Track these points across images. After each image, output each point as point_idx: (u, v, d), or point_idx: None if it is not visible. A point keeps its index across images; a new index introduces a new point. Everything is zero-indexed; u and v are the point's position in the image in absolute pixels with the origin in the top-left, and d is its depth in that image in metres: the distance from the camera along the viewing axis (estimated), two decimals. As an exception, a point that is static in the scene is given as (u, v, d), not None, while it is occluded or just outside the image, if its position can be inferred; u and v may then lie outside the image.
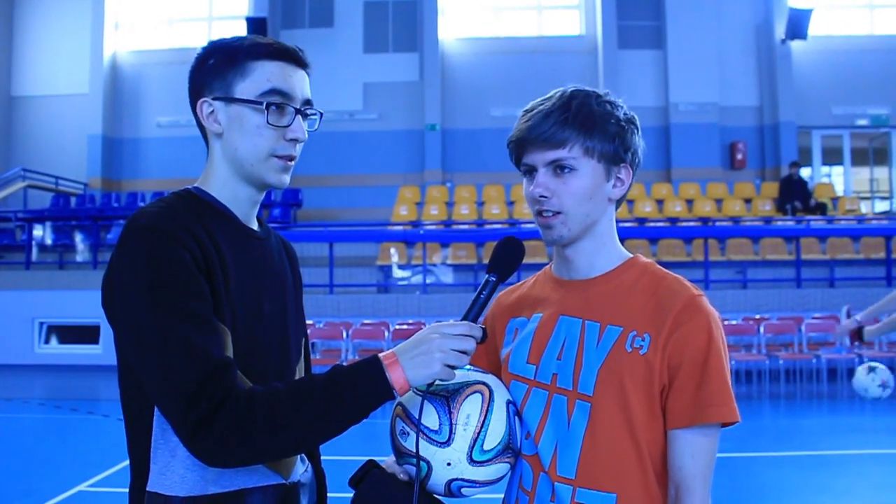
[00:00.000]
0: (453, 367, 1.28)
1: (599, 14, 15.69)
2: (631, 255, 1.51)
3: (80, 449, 6.84)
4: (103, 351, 11.38)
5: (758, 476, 5.87)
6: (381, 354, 1.29)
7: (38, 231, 14.07)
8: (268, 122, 1.39)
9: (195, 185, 1.48)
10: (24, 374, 11.18)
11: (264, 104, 1.39)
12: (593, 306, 1.44)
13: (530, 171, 1.45)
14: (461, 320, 1.33)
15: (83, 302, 11.54)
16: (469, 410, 1.35)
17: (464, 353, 1.28)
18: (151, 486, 1.34)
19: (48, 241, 14.21)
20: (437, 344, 1.26)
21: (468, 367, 1.42)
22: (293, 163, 1.45)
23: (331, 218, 14.80)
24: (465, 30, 16.25)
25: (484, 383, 1.40)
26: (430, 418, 1.35)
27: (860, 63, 15.55)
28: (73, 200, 15.76)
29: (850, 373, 9.54)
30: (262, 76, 1.40)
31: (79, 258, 14.10)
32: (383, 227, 13.37)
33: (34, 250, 13.70)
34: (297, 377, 1.53)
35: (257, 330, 1.40)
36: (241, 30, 15.33)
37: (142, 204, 14.80)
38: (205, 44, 1.48)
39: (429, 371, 1.26)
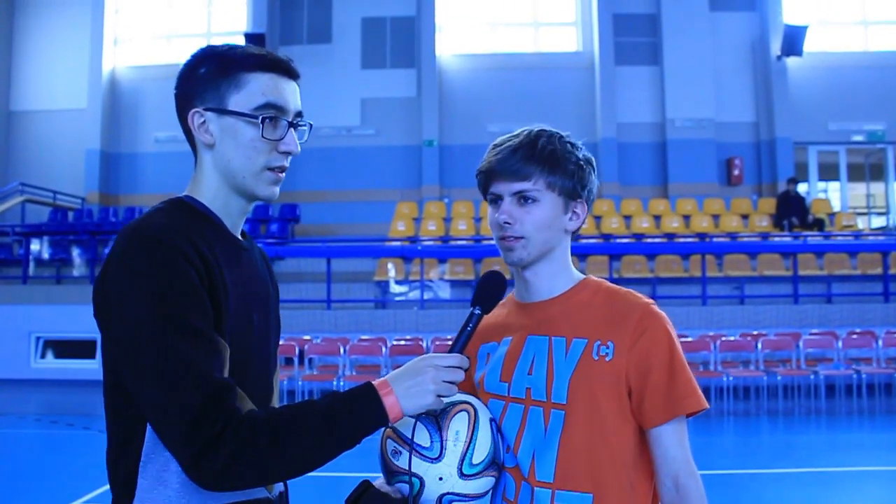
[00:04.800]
0: (443, 397, 1.35)
1: (596, 30, 15.77)
2: (583, 276, 1.66)
3: (77, 465, 6.80)
4: (100, 366, 11.35)
5: (757, 493, 5.85)
6: (374, 382, 1.33)
7: (35, 245, 14.06)
8: (262, 135, 1.40)
9: (185, 193, 1.46)
10: (20, 389, 11.13)
11: (259, 118, 1.39)
12: (557, 323, 1.58)
13: (496, 200, 1.60)
14: (450, 352, 1.41)
15: (80, 317, 11.44)
16: (458, 427, 1.46)
17: (453, 383, 1.36)
18: (139, 502, 1.31)
19: (45, 256, 14.19)
20: (431, 376, 1.33)
21: None
22: (284, 175, 1.47)
23: (328, 233, 14.80)
24: (463, 46, 16.32)
25: (469, 402, 1.51)
26: (422, 436, 1.44)
27: (855, 79, 15.63)
28: (70, 215, 15.74)
29: (848, 389, 9.58)
30: (256, 89, 1.40)
31: (76, 273, 14.08)
32: (381, 243, 13.37)
33: (31, 265, 13.68)
34: (274, 387, 1.55)
35: (247, 340, 1.41)
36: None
37: (139, 219, 14.87)
38: (194, 51, 1.46)
39: (422, 402, 1.32)
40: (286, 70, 1.45)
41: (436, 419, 1.45)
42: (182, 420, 1.19)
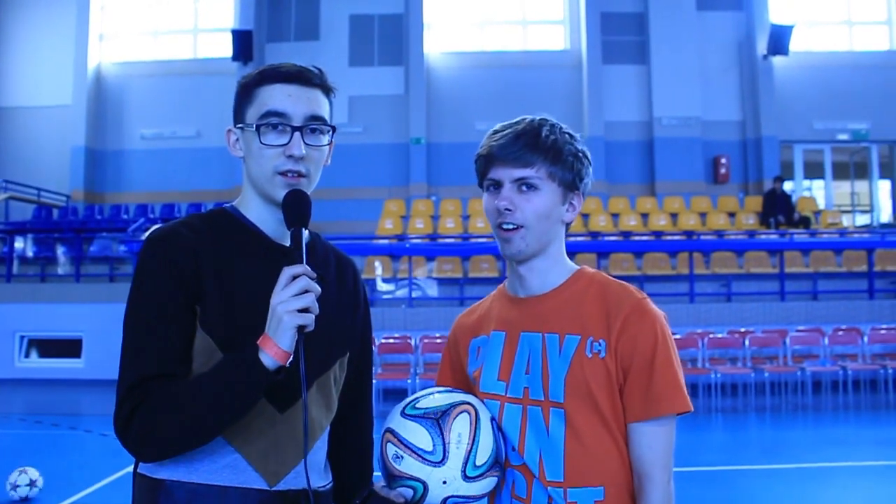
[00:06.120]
0: (306, 311, 1.35)
1: (584, 29, 15.79)
2: (577, 268, 1.63)
3: (62, 465, 6.74)
4: (85, 365, 11.25)
5: (745, 489, 5.87)
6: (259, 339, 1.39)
7: (19, 243, 13.91)
8: (261, 142, 1.48)
9: (233, 202, 1.62)
10: (3, 389, 11.02)
11: (254, 126, 1.49)
12: (550, 319, 1.55)
13: (495, 186, 1.57)
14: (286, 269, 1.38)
15: (65, 315, 11.42)
16: (459, 429, 1.44)
17: (304, 309, 1.34)
18: (140, 469, 1.49)
19: (30, 254, 14.06)
20: (279, 309, 1.34)
21: (449, 389, 1.59)
22: (304, 179, 1.52)
23: (316, 231, 14.67)
24: (451, 44, 16.29)
25: (469, 403, 1.50)
26: (423, 440, 1.43)
27: (840, 78, 15.73)
28: (55, 212, 15.60)
29: (834, 385, 9.64)
30: (261, 100, 1.50)
31: (60, 271, 13.95)
32: (368, 241, 13.34)
33: (15, 263, 13.54)
34: (329, 389, 1.60)
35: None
36: (226, 43, 15.33)
37: (125, 217, 14.78)
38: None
39: (286, 333, 1.34)
40: (296, 77, 1.52)
41: (437, 421, 1.44)
42: (116, 398, 1.41)
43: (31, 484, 5.41)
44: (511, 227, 1.54)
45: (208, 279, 1.46)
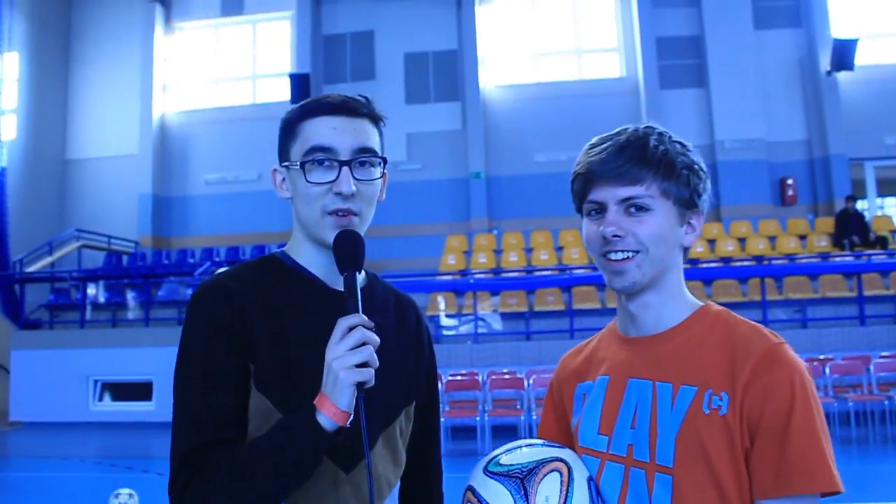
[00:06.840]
0: (365, 365, 1.24)
1: (639, 55, 15.65)
2: (702, 304, 1.39)
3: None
4: (156, 407, 11.41)
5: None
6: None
7: (91, 290, 14.29)
8: (307, 180, 1.38)
9: (283, 247, 1.52)
10: (79, 432, 11.25)
11: (299, 164, 1.38)
12: (663, 365, 1.32)
13: (597, 210, 1.35)
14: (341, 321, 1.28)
15: (136, 359, 11.66)
16: (548, 492, 1.25)
17: (365, 363, 1.24)
18: None
19: (101, 300, 14.43)
20: (334, 367, 1.24)
21: (542, 441, 1.37)
22: (355, 217, 1.41)
23: (378, 269, 14.59)
24: (506, 77, 16.31)
25: (561, 460, 1.30)
26: (504, 502, 1.25)
27: (911, 91, 15.18)
28: (125, 259, 16.04)
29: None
30: (306, 135, 1.39)
31: (131, 315, 14.27)
32: (432, 277, 13.28)
33: (88, 309, 13.91)
34: (395, 441, 1.48)
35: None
36: (284, 87, 15.65)
37: (191, 260, 15.08)
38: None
39: (344, 393, 1.24)
40: (341, 108, 1.40)
41: (521, 481, 1.26)
42: (171, 462, 1.32)
43: (131, 495, 5.67)
44: (622, 255, 1.31)
45: (259, 335, 1.35)
